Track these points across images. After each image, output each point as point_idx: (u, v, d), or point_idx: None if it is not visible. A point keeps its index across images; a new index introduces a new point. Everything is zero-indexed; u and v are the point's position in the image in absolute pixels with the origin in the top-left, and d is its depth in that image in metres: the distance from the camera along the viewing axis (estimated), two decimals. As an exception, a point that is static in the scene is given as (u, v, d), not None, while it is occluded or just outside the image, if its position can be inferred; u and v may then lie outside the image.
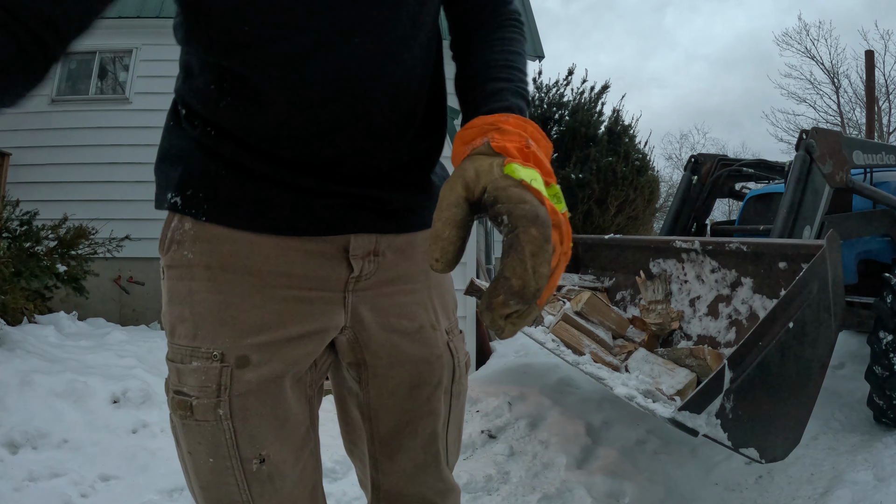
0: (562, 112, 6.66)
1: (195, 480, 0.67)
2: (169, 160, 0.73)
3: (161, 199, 0.72)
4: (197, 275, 0.65)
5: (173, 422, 0.66)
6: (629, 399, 1.51)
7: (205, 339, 0.64)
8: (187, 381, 0.64)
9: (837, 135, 2.53)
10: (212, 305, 0.64)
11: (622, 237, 2.98)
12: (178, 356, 0.65)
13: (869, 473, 1.98)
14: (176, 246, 0.67)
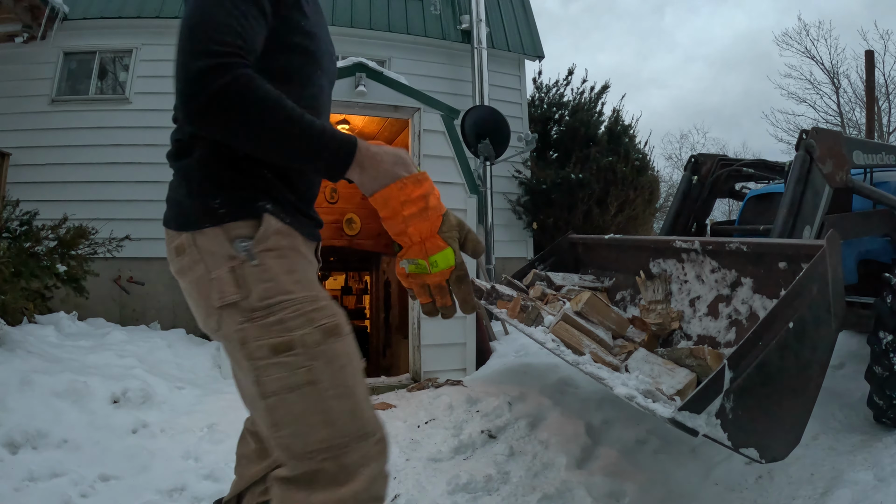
0: (562, 112, 6.66)
1: (339, 398, 0.90)
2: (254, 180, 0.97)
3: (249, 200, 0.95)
4: (287, 255, 0.95)
5: (305, 355, 0.88)
6: (629, 399, 1.51)
7: (317, 289, 0.96)
8: (326, 312, 0.93)
9: (837, 135, 2.53)
10: (306, 272, 0.98)
11: (622, 237, 2.98)
12: (310, 301, 0.92)
13: (869, 473, 1.98)
14: (274, 236, 0.94)
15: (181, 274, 1.01)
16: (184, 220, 0.96)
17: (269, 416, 0.90)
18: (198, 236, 0.94)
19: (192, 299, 1.03)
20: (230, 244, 0.92)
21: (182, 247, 0.96)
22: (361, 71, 4.01)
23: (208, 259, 0.94)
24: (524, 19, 6.83)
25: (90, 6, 5.46)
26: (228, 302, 0.92)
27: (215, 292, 0.93)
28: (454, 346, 3.92)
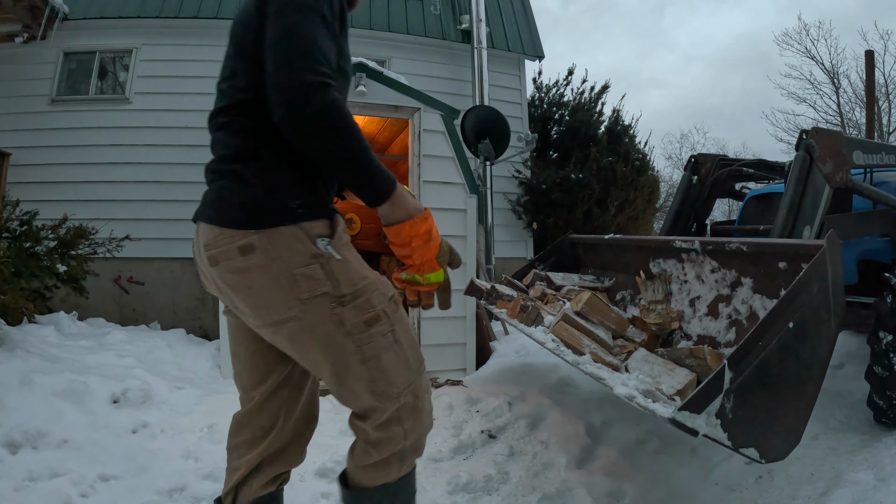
0: (562, 112, 6.66)
1: (410, 347, 1.18)
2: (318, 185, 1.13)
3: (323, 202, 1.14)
4: (350, 247, 1.15)
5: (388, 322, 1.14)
6: (629, 399, 1.51)
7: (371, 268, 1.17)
8: (388, 285, 1.17)
9: (837, 135, 2.53)
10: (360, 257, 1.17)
11: (622, 237, 2.98)
12: (378, 280, 1.15)
13: (869, 473, 1.98)
14: (343, 233, 1.12)
15: (244, 272, 1.07)
16: (255, 220, 1.04)
17: (367, 374, 1.12)
18: (273, 235, 1.04)
19: (259, 293, 1.08)
20: (311, 242, 1.06)
21: (251, 245, 1.04)
22: (361, 71, 4.01)
23: (288, 256, 1.05)
24: (524, 19, 6.83)
25: (90, 6, 5.46)
26: (320, 293, 1.07)
27: (304, 286, 1.06)
28: (454, 346, 3.91)
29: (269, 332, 1.13)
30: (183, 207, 5.19)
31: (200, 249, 1.16)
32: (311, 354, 1.14)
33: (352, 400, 1.17)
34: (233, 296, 1.12)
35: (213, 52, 5.56)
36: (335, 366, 1.13)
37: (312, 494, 2.16)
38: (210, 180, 1.17)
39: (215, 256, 1.10)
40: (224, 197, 1.10)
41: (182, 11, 5.52)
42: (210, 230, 1.11)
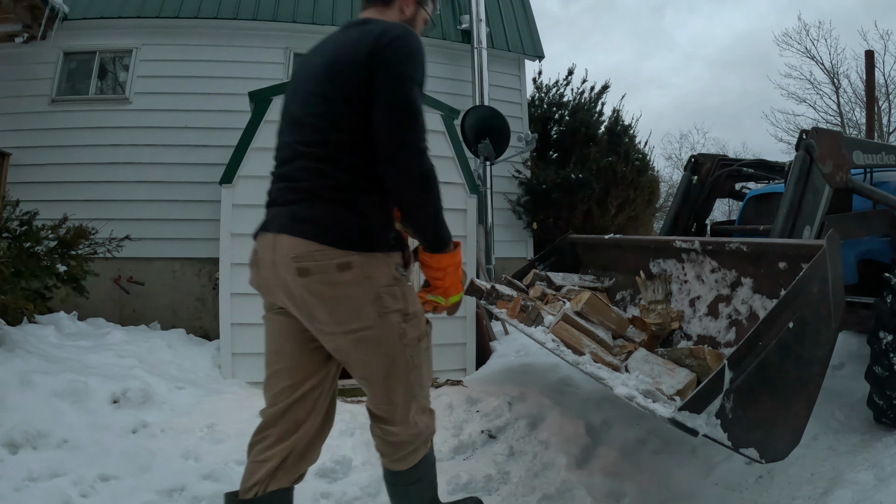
0: (562, 112, 6.65)
1: (427, 371, 1.47)
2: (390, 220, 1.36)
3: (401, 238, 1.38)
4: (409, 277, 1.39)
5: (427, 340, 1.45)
6: (629, 399, 1.51)
7: None
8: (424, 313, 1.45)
9: (837, 135, 2.53)
10: None
11: (622, 237, 2.98)
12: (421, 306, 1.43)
13: (869, 473, 1.98)
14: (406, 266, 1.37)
15: (336, 285, 1.25)
16: (358, 244, 1.26)
17: (409, 378, 1.40)
18: (370, 258, 1.27)
19: (344, 304, 1.28)
20: (394, 268, 1.32)
21: (349, 264, 1.25)
22: (361, 71, 4.02)
23: (376, 277, 1.28)
24: (524, 19, 6.83)
25: (90, 6, 5.46)
26: (394, 309, 1.32)
27: (387, 301, 1.31)
28: (454, 346, 3.91)
29: (340, 337, 1.31)
30: (183, 207, 5.20)
31: (283, 259, 1.27)
32: (371, 359, 1.35)
33: (386, 401, 1.41)
34: (313, 304, 1.27)
35: (213, 52, 5.56)
36: (388, 369, 1.37)
37: (312, 494, 2.16)
38: (295, 199, 1.29)
39: (308, 268, 1.24)
40: (329, 219, 1.26)
41: (182, 11, 5.52)
42: (305, 244, 1.24)
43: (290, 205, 1.30)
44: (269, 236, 1.31)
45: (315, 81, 1.33)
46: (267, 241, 1.32)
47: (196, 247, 5.18)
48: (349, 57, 1.27)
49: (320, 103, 1.30)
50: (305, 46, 5.77)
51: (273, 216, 1.34)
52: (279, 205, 1.33)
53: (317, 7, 5.89)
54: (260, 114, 3.86)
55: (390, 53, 1.24)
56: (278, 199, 1.34)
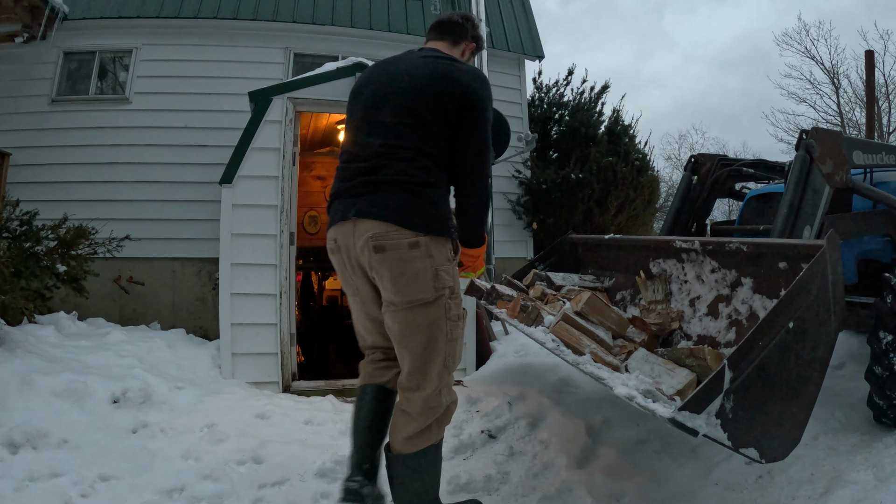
0: (562, 112, 6.65)
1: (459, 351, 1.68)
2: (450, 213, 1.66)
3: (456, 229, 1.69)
4: None
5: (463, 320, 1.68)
6: (629, 399, 1.51)
7: None
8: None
9: (837, 135, 2.53)
10: None
11: (622, 237, 2.98)
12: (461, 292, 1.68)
13: (869, 473, 1.98)
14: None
15: (406, 260, 1.54)
16: (426, 227, 1.55)
17: (446, 350, 1.63)
18: (435, 240, 1.56)
19: (407, 276, 1.55)
20: (449, 251, 1.62)
21: (418, 243, 1.54)
22: (361, 71, 4.01)
23: (437, 257, 1.57)
24: (524, 19, 6.83)
25: (90, 6, 5.46)
26: (446, 286, 1.60)
27: (443, 277, 1.58)
28: (454, 346, 3.91)
29: (400, 308, 1.58)
30: (183, 207, 5.20)
31: (361, 239, 1.56)
32: (417, 328, 1.59)
33: (421, 368, 1.61)
34: (386, 275, 1.56)
35: (213, 52, 5.56)
36: (429, 339, 1.60)
37: (312, 494, 2.16)
38: (373, 188, 1.58)
39: (383, 245, 1.53)
40: (407, 206, 1.54)
41: (182, 11, 5.52)
42: (383, 226, 1.53)
43: (368, 195, 1.58)
44: (348, 223, 1.60)
45: (407, 98, 1.64)
46: (346, 227, 1.61)
47: (196, 247, 5.18)
48: (442, 90, 1.63)
49: (412, 117, 1.62)
50: (305, 46, 5.82)
51: (348, 205, 1.61)
52: (354, 196, 1.61)
53: (317, 7, 5.89)
54: (260, 114, 3.86)
55: (477, 100, 1.64)
56: (353, 191, 1.62)
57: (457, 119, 1.62)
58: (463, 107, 1.61)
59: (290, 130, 3.92)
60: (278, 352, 3.74)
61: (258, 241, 3.78)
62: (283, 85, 4.00)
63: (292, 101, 3.92)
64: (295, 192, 3.95)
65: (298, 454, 2.42)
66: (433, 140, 1.61)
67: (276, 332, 3.75)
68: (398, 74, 1.70)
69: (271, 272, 3.78)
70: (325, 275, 9.27)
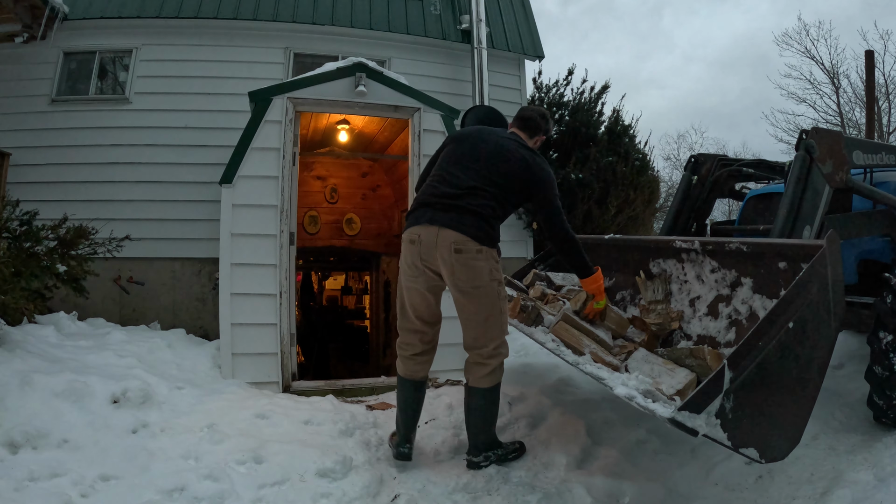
0: (562, 112, 6.64)
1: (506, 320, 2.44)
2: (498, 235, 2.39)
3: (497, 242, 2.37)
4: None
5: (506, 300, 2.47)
6: (629, 399, 1.51)
7: None
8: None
9: (837, 135, 2.53)
10: None
11: (622, 237, 2.98)
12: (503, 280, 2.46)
13: (869, 473, 1.98)
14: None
15: (474, 260, 2.25)
16: (486, 241, 2.27)
17: (500, 319, 2.36)
18: (490, 250, 2.29)
19: (475, 271, 2.26)
20: (497, 256, 2.34)
21: (481, 251, 2.25)
22: (361, 71, 4.01)
23: (492, 259, 2.31)
24: (524, 19, 6.82)
25: (90, 6, 5.46)
26: (497, 278, 2.32)
27: (494, 273, 2.31)
28: (454, 347, 3.88)
29: (467, 293, 2.28)
30: (183, 207, 5.20)
31: (445, 242, 2.25)
32: (481, 306, 2.30)
33: (484, 334, 2.34)
34: (459, 269, 2.25)
35: (213, 52, 5.56)
36: (489, 312, 2.32)
37: (312, 494, 2.16)
38: (457, 211, 2.27)
39: (461, 249, 2.23)
40: (475, 226, 2.25)
41: (182, 11, 5.51)
42: (461, 237, 2.23)
43: (451, 212, 2.27)
44: (434, 228, 2.27)
45: (496, 160, 2.36)
46: (432, 231, 2.28)
47: (196, 247, 5.18)
48: (519, 168, 2.36)
49: (496, 174, 2.34)
50: (305, 46, 5.82)
51: (433, 216, 2.29)
52: (440, 210, 2.29)
53: (317, 7, 5.89)
54: (260, 114, 3.86)
55: (542, 179, 2.37)
56: (438, 205, 2.31)
57: (527, 190, 2.37)
58: (533, 184, 2.36)
59: (290, 130, 3.92)
60: (278, 352, 3.74)
61: (258, 241, 3.78)
62: (283, 85, 4.00)
63: (292, 101, 3.92)
64: (295, 192, 3.95)
65: (298, 454, 2.42)
66: (503, 195, 2.34)
67: (276, 332, 3.75)
68: (493, 142, 2.43)
69: (271, 272, 3.78)
70: (325, 275, 9.29)
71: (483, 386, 2.37)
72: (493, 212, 2.30)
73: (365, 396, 3.74)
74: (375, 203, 6.91)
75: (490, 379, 2.37)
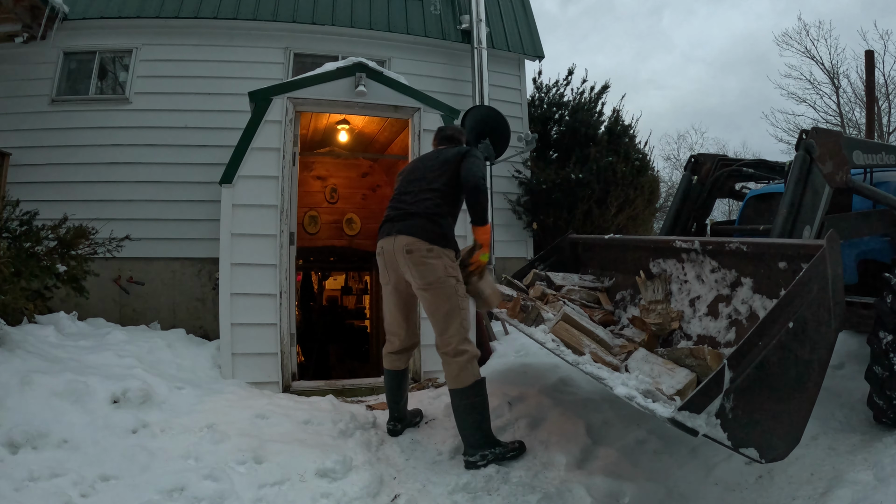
0: (562, 112, 6.64)
1: (467, 317, 2.58)
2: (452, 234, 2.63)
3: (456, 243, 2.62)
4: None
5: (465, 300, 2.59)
6: (629, 399, 1.51)
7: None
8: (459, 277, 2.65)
9: (837, 135, 2.53)
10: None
11: (622, 237, 2.98)
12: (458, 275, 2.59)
13: (869, 473, 1.98)
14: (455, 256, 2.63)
15: (425, 259, 2.46)
16: (437, 241, 2.49)
17: (460, 316, 2.50)
18: (442, 249, 2.49)
19: (427, 269, 2.47)
20: (452, 256, 2.54)
21: (432, 250, 2.46)
22: (361, 71, 4.01)
23: (445, 258, 2.49)
24: (524, 19, 6.82)
25: (90, 6, 5.46)
26: (452, 275, 2.50)
27: (448, 271, 2.49)
28: (454, 346, 3.91)
29: (423, 289, 2.49)
30: (183, 207, 5.20)
31: (400, 247, 2.50)
32: (439, 303, 2.48)
33: (445, 330, 2.49)
34: (413, 269, 2.47)
35: (213, 52, 5.56)
36: (449, 308, 2.48)
37: (312, 494, 2.16)
38: (409, 217, 2.55)
39: (412, 250, 2.46)
40: (423, 228, 2.49)
41: (182, 11, 5.52)
42: (411, 239, 2.48)
43: (404, 220, 2.55)
44: (391, 237, 2.55)
45: (433, 165, 2.70)
46: (390, 240, 2.55)
47: (196, 247, 5.18)
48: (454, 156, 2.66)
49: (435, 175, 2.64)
50: (305, 46, 5.82)
51: (391, 227, 2.58)
52: (397, 220, 2.57)
53: (317, 7, 5.89)
54: (260, 114, 3.86)
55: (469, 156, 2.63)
56: (396, 217, 2.60)
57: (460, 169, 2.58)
58: (463, 160, 2.60)
59: (290, 130, 3.92)
60: (278, 352, 3.74)
61: (258, 241, 3.78)
62: (283, 85, 4.00)
63: (292, 101, 3.92)
64: (295, 192, 3.95)
65: (298, 454, 2.42)
66: (444, 187, 2.60)
67: (276, 332, 3.75)
68: (432, 157, 2.80)
69: (271, 272, 3.78)
70: (325, 275, 9.28)
71: (457, 386, 2.48)
72: (440, 209, 2.53)
73: (365, 396, 3.74)
74: (375, 203, 6.90)
75: (462, 378, 2.46)
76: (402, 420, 2.86)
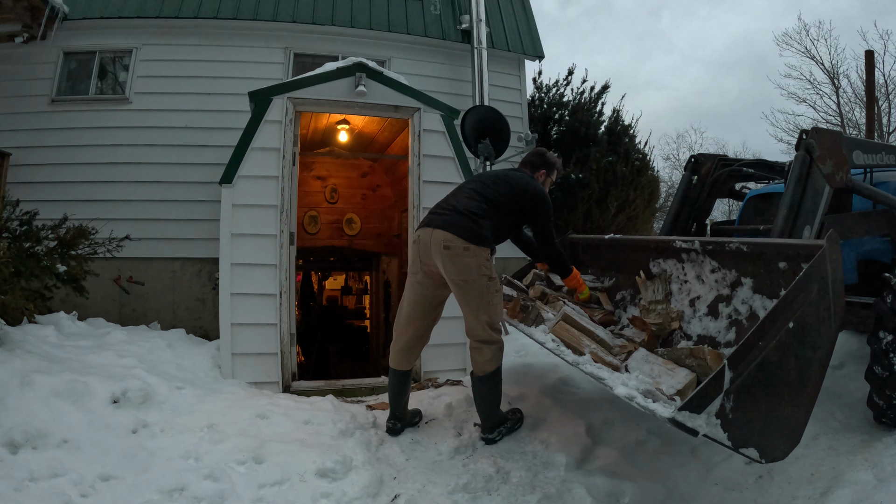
0: (562, 112, 6.65)
1: (499, 310, 2.68)
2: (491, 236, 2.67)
3: (494, 245, 2.70)
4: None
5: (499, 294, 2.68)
6: (629, 399, 1.51)
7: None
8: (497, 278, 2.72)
9: (837, 135, 2.53)
10: None
11: (622, 237, 2.98)
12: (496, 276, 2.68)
13: (869, 473, 1.98)
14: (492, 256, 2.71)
15: (462, 256, 2.51)
16: (475, 240, 2.52)
17: (490, 310, 2.58)
18: (479, 248, 2.54)
19: (463, 266, 2.52)
20: (488, 255, 2.59)
21: (468, 248, 2.51)
22: (361, 71, 4.01)
23: (481, 257, 2.55)
24: (524, 19, 6.83)
25: (90, 6, 5.46)
26: (486, 273, 2.56)
27: (483, 268, 2.55)
28: (454, 346, 3.91)
29: (456, 283, 2.55)
30: (183, 207, 5.20)
31: (437, 241, 2.55)
32: (470, 298, 2.56)
33: (476, 323, 2.57)
34: (448, 265, 2.53)
35: (213, 52, 5.56)
36: (480, 304, 2.56)
37: (312, 494, 2.16)
38: (451, 214, 2.61)
39: (449, 246, 2.51)
40: (462, 226, 2.54)
41: (182, 11, 5.52)
42: (450, 235, 2.52)
43: (446, 215, 2.61)
44: (430, 229, 2.60)
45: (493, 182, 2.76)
46: (428, 231, 2.61)
47: (196, 247, 5.18)
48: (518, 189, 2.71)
49: (492, 192, 2.69)
50: (305, 46, 5.82)
51: (431, 219, 2.65)
52: (438, 215, 2.64)
53: (317, 7, 5.89)
54: (260, 114, 3.86)
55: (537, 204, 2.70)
56: (438, 211, 2.69)
57: (523, 211, 2.72)
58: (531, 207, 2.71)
59: (290, 130, 3.92)
60: (278, 352, 3.74)
61: (258, 241, 3.78)
62: (283, 85, 4.00)
63: (292, 101, 3.92)
64: (295, 192, 3.95)
65: (298, 454, 2.42)
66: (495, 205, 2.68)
67: (276, 332, 3.75)
68: (496, 173, 2.87)
69: (271, 272, 3.78)
70: (325, 275, 9.28)
71: (483, 372, 2.61)
72: (483, 212, 2.60)
73: (365, 396, 3.74)
74: (375, 203, 6.90)
75: (489, 364, 2.60)
76: (402, 419, 2.87)
